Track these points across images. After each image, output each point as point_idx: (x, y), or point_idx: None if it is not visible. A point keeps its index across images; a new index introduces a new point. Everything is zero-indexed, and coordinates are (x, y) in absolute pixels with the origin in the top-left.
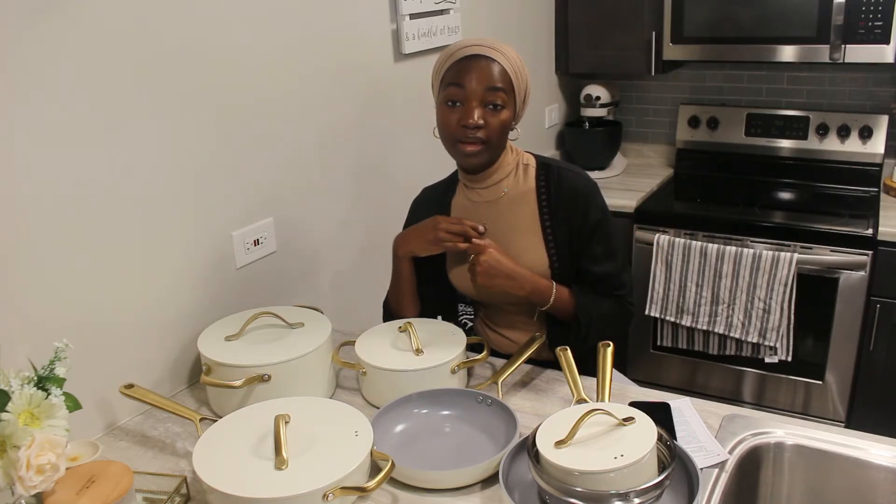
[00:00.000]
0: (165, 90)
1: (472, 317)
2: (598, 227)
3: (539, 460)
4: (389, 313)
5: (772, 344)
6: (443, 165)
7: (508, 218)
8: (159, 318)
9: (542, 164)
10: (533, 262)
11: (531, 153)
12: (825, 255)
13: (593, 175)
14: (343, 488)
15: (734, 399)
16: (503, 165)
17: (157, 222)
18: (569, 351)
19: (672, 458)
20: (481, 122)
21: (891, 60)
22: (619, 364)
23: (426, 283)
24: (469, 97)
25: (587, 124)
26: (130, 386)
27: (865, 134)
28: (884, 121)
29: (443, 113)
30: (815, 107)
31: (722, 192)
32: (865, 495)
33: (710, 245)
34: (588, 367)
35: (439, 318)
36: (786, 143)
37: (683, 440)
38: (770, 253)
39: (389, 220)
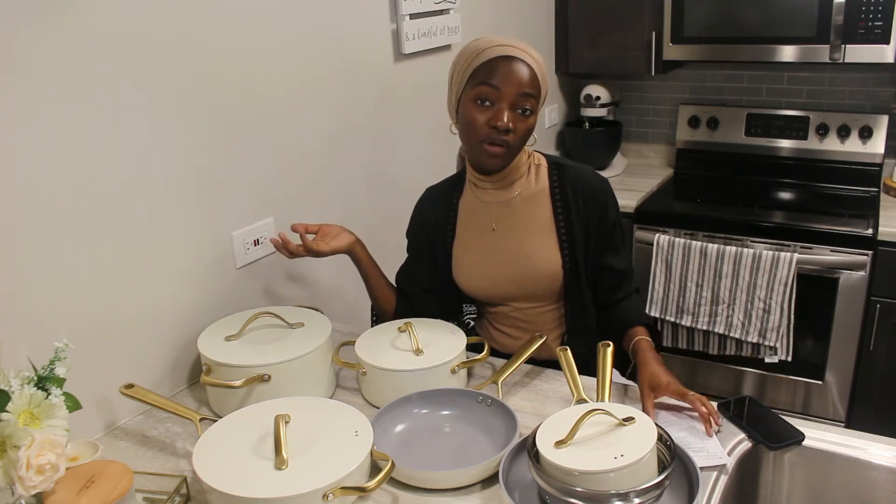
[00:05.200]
0: (165, 91)
1: (475, 316)
2: (616, 222)
3: (539, 460)
4: (374, 313)
5: (772, 344)
6: (443, 165)
7: (521, 218)
8: (159, 318)
9: (554, 164)
10: (546, 262)
11: (540, 153)
12: (825, 255)
13: None
14: (343, 488)
15: None
16: (517, 166)
17: (157, 222)
18: (569, 351)
19: (672, 458)
20: (511, 125)
21: (891, 60)
22: (619, 364)
23: (431, 284)
24: (501, 98)
25: (587, 124)
26: (130, 386)
27: (865, 134)
28: (884, 121)
29: (470, 110)
30: (815, 107)
31: (722, 192)
32: (865, 495)
33: (710, 245)
34: (588, 367)
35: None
36: (786, 143)
37: (685, 439)
38: (770, 253)
39: (390, 219)
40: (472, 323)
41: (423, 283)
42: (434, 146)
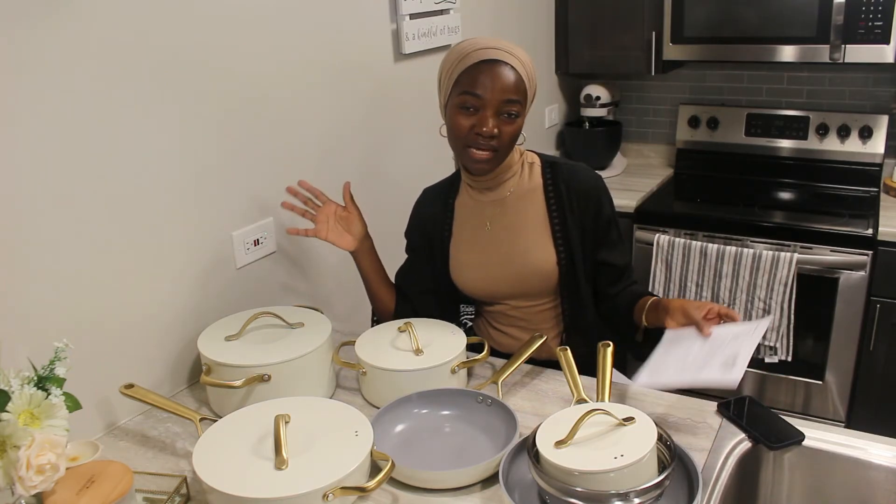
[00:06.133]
0: (165, 91)
1: (473, 317)
2: (612, 219)
3: (539, 460)
4: (375, 314)
5: (772, 344)
6: (443, 165)
7: (515, 216)
8: (159, 318)
9: (548, 162)
10: (540, 259)
11: (533, 151)
12: (825, 255)
13: None
14: (343, 488)
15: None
16: (509, 165)
17: (157, 222)
18: (569, 351)
19: (672, 458)
20: (495, 131)
21: (891, 60)
22: (619, 364)
23: (430, 285)
24: (485, 105)
25: (587, 124)
26: (130, 386)
27: (865, 134)
28: (884, 121)
29: (455, 116)
30: (815, 107)
31: (722, 192)
32: (865, 495)
33: (710, 245)
34: (588, 367)
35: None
36: (786, 143)
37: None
38: (770, 253)
39: (390, 219)
40: (469, 324)
41: (423, 283)
42: (434, 146)
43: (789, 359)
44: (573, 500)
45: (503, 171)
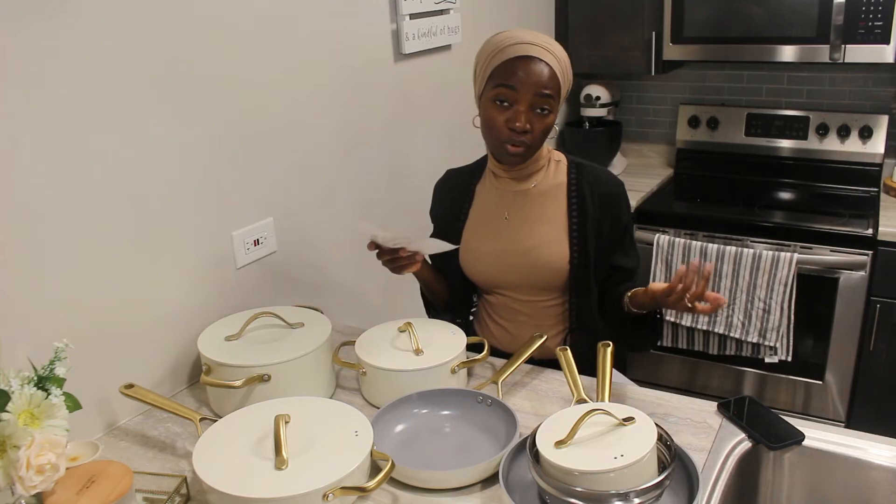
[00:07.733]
0: (166, 92)
1: (475, 310)
2: (628, 225)
3: (539, 460)
4: (427, 304)
5: (772, 344)
6: (443, 165)
7: (535, 209)
8: (159, 318)
9: (574, 163)
10: (553, 255)
11: (560, 150)
12: (825, 255)
13: None
14: (343, 488)
15: None
16: (536, 159)
17: (157, 222)
18: (569, 351)
19: (672, 458)
20: (528, 126)
21: (891, 60)
22: (619, 364)
23: (443, 276)
24: (519, 100)
25: (587, 124)
26: (130, 386)
27: (865, 134)
28: (884, 121)
29: (490, 110)
30: (815, 107)
31: (722, 192)
32: (865, 495)
33: (710, 245)
34: (588, 367)
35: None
36: (786, 143)
37: None
38: (770, 253)
39: (389, 218)
40: (472, 317)
41: (451, 257)
42: (434, 145)
43: (789, 359)
44: (573, 500)
45: (531, 164)
